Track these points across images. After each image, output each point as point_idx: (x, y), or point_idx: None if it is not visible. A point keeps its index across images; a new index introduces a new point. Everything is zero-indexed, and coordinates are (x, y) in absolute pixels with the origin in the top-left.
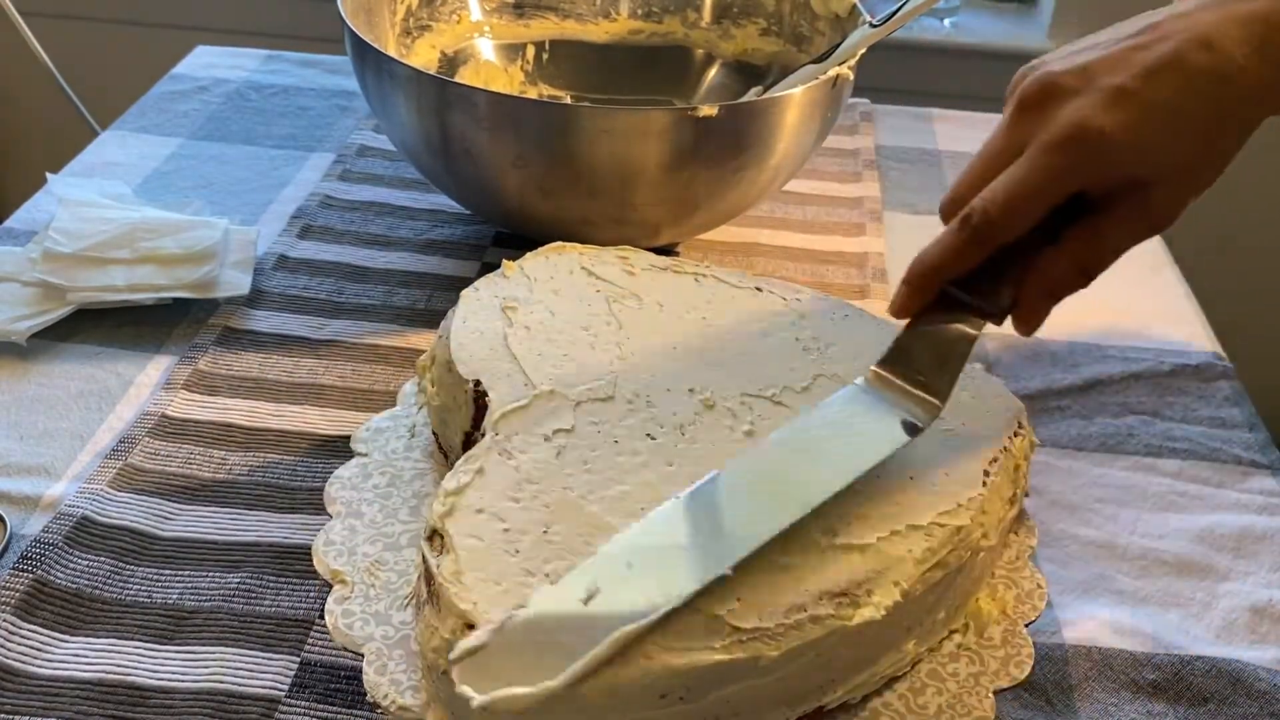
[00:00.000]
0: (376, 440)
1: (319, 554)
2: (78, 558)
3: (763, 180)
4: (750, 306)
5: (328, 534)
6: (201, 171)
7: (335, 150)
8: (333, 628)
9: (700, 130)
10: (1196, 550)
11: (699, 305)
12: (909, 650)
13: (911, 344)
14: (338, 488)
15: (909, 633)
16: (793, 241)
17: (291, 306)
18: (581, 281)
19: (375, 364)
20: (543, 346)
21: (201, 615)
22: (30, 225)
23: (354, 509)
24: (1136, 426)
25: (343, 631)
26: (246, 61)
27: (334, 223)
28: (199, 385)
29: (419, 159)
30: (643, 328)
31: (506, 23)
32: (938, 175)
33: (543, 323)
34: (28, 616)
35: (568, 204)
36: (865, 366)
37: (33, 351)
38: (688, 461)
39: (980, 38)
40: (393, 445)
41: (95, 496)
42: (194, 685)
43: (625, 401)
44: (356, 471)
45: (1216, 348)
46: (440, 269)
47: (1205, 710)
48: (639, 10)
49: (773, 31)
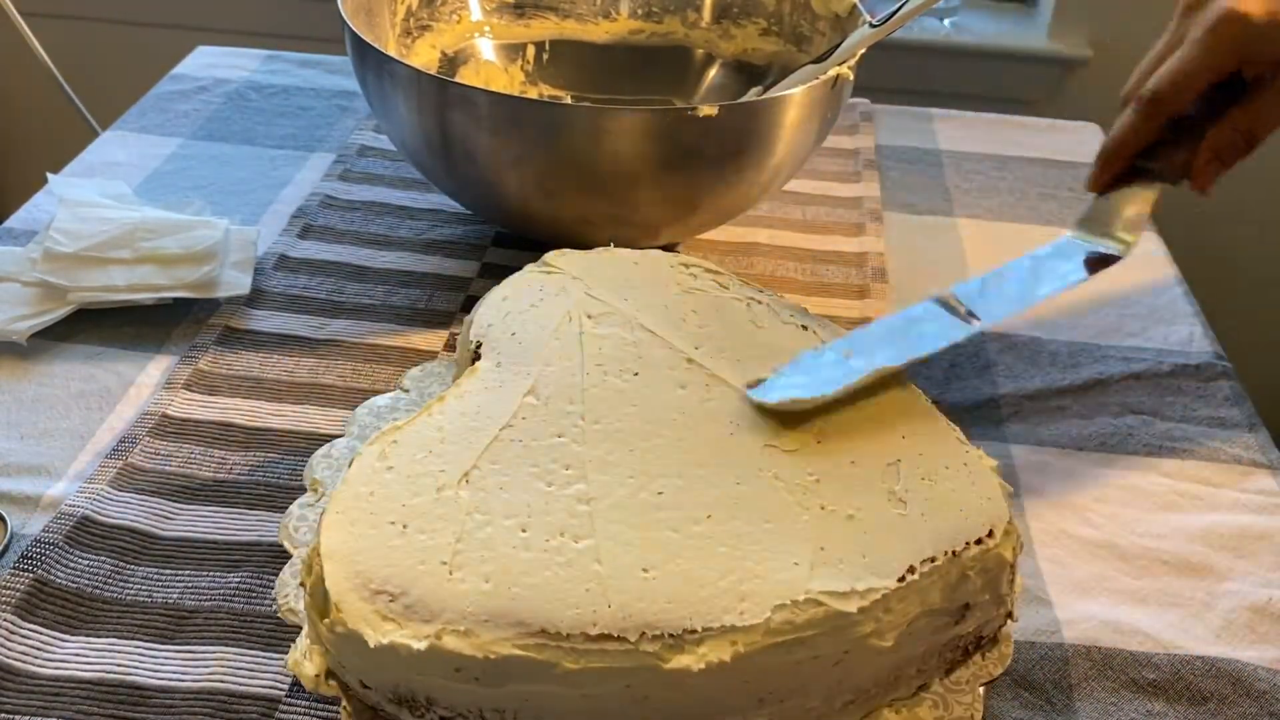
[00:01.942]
0: (423, 381)
1: (311, 463)
2: (78, 557)
3: (763, 180)
4: (787, 344)
5: (330, 448)
6: (202, 171)
7: (335, 150)
8: (280, 526)
9: (700, 130)
10: (1196, 550)
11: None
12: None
13: (1104, 205)
14: (365, 411)
15: (760, 706)
16: (793, 241)
17: (292, 306)
18: (629, 292)
19: (375, 364)
20: (552, 341)
21: (201, 615)
22: (30, 225)
23: (366, 432)
24: (1136, 426)
25: (287, 531)
26: (246, 61)
27: (334, 223)
28: (199, 385)
29: (419, 159)
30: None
31: (506, 23)
32: (938, 175)
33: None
34: (28, 616)
35: (568, 204)
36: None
37: (33, 351)
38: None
39: (980, 38)
40: (433, 388)
41: (95, 496)
42: (194, 685)
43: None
44: (388, 402)
45: (1216, 348)
46: (440, 269)
47: (1205, 710)
48: (639, 10)
49: (773, 31)
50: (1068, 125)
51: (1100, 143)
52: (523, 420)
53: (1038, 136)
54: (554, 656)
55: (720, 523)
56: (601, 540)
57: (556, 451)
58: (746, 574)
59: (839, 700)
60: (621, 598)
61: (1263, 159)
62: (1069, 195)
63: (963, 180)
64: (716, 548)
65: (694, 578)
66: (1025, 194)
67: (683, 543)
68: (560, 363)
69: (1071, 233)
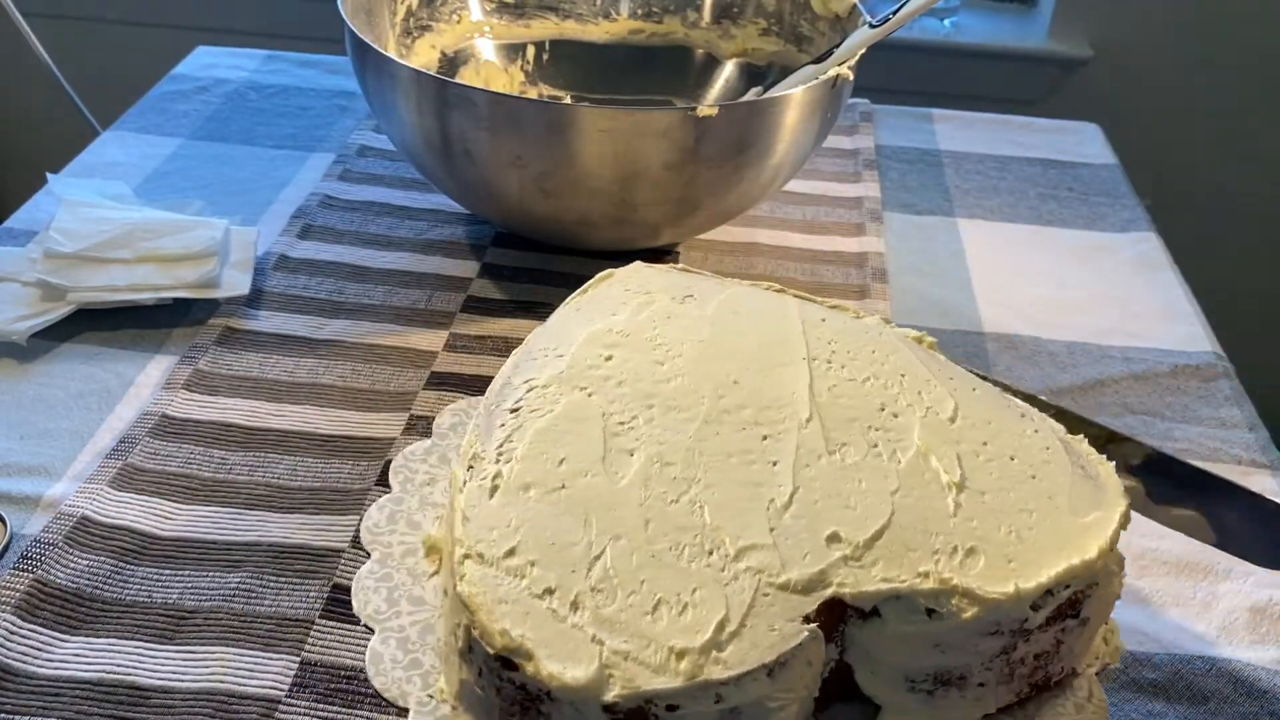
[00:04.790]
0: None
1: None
2: (78, 558)
3: (763, 180)
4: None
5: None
6: (202, 171)
7: (335, 150)
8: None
9: (700, 130)
10: (1196, 550)
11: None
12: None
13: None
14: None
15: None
16: (793, 241)
17: (292, 306)
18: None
19: (375, 364)
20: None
21: (201, 615)
22: (30, 225)
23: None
24: (1136, 426)
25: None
26: (246, 61)
27: (334, 223)
28: (199, 385)
29: (419, 159)
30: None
31: (506, 23)
32: (938, 175)
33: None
34: (28, 616)
35: (568, 204)
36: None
37: (33, 351)
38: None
39: (980, 38)
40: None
41: (95, 496)
42: (194, 685)
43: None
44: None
45: (1216, 348)
46: (440, 269)
47: (1205, 710)
48: (639, 10)
49: (773, 31)
50: (1068, 125)
51: (1100, 143)
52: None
53: (1038, 136)
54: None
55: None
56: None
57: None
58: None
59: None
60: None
61: (1263, 159)
62: (1069, 195)
63: (963, 180)
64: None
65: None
66: (1025, 194)
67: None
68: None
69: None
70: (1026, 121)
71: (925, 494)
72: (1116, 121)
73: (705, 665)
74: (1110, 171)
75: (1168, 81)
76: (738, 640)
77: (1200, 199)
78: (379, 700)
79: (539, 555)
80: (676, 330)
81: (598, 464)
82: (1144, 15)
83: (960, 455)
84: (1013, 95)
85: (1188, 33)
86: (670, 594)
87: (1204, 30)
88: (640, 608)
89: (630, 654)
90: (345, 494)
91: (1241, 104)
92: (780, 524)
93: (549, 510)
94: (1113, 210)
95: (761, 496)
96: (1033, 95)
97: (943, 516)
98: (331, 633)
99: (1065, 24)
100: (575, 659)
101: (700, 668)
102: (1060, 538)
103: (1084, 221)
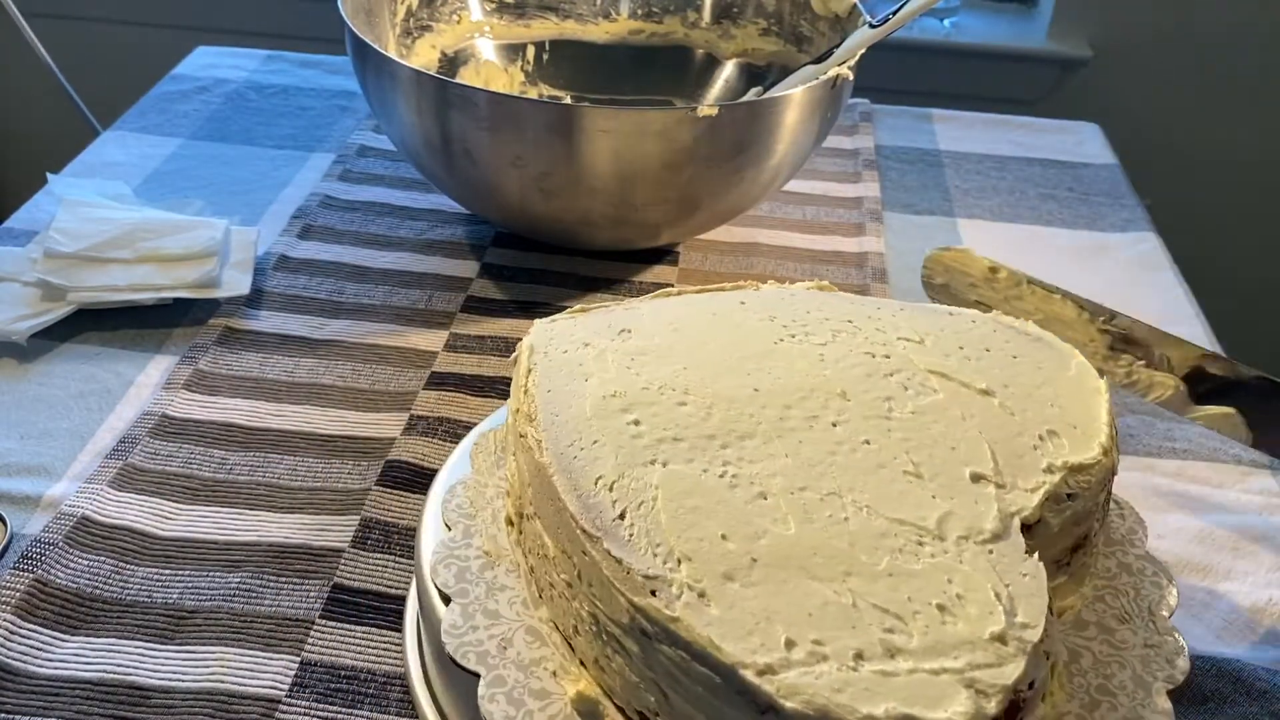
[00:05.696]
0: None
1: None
2: (78, 557)
3: (763, 180)
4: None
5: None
6: (202, 171)
7: (335, 150)
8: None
9: (700, 130)
10: (1196, 550)
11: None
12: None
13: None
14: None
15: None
16: (793, 241)
17: (292, 306)
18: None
19: (375, 364)
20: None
21: (201, 615)
22: (30, 225)
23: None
24: (1136, 426)
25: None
26: (246, 61)
27: (334, 223)
28: (199, 385)
29: (419, 159)
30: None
31: (506, 23)
32: (938, 175)
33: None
34: (28, 616)
35: (568, 204)
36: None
37: (33, 351)
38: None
39: (980, 38)
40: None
41: (95, 496)
42: (194, 685)
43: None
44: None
45: (1216, 348)
46: (440, 269)
47: (1205, 710)
48: (639, 10)
49: (773, 31)
50: (1068, 125)
51: (1100, 143)
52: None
53: (1038, 136)
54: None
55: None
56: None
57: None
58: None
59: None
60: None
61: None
62: (1069, 195)
63: (963, 180)
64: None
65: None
66: (1025, 194)
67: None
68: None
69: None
70: (1026, 121)
71: (979, 408)
72: (1116, 121)
73: (1017, 633)
74: (1110, 171)
75: (1168, 81)
76: (1022, 603)
77: (1200, 199)
78: (379, 700)
79: (818, 633)
80: (654, 368)
81: (755, 522)
82: (1144, 15)
83: (961, 366)
84: (1012, 95)
85: (1188, 33)
86: (936, 598)
87: (1204, 30)
88: (934, 618)
89: (971, 664)
90: (345, 494)
91: (1242, 104)
92: (937, 490)
93: (773, 589)
94: (1113, 210)
95: (897, 474)
96: (1032, 95)
97: (1006, 420)
98: (331, 633)
99: (1065, 24)
100: (942, 703)
101: (1019, 639)
102: (1073, 390)
103: (1084, 221)
